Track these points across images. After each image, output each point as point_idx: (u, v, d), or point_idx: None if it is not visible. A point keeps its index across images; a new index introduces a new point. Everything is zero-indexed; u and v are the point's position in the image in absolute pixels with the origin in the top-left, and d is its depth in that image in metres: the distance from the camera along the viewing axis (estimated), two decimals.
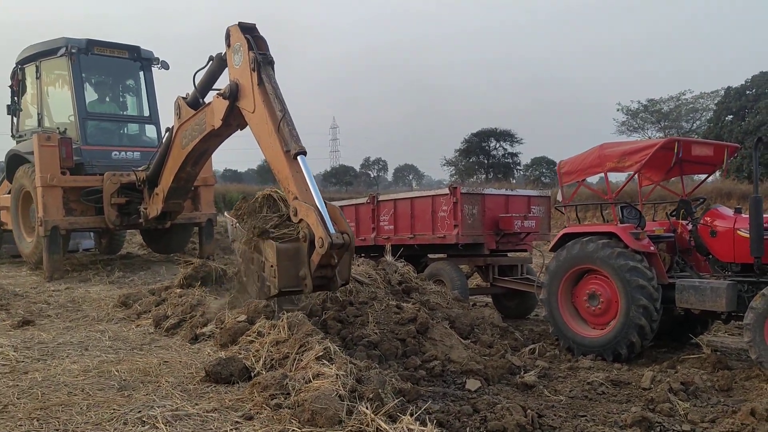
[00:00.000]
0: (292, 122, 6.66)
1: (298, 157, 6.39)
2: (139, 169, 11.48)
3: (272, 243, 6.24)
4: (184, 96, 8.83)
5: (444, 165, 62.53)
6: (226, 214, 7.28)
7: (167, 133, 9.76)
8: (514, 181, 56.32)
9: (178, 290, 8.52)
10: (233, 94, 7.33)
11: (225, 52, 7.56)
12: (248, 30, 7.11)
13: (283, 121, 6.65)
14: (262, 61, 6.88)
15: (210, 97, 8.17)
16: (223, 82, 7.76)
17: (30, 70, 13.66)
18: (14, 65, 14.09)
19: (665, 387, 5.51)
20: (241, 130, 7.88)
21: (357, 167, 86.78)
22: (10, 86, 14.22)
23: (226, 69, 7.58)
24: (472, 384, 5.62)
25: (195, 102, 8.70)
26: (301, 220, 6.13)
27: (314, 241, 5.92)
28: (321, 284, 6.23)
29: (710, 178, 8.91)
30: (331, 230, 5.80)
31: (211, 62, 8.07)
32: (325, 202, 6.08)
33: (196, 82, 8.42)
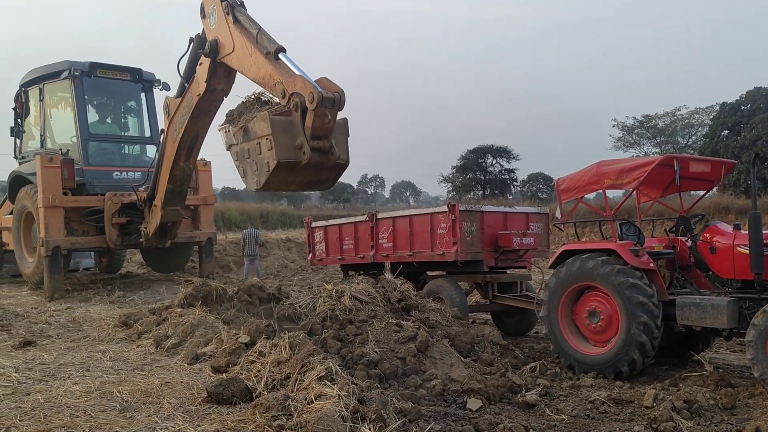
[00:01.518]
0: (268, 33, 7.04)
1: (280, 55, 6.65)
2: (140, 189, 11.56)
3: (264, 114, 6.29)
4: (166, 98, 9.23)
5: (441, 182, 62.69)
6: (218, 129, 7.35)
7: (160, 140, 9.95)
8: (511, 197, 56.46)
9: (179, 310, 8.52)
10: (214, 50, 7.76)
11: (202, 29, 8.02)
12: None
13: (260, 34, 7.05)
14: (233, 3, 7.46)
15: None
16: None
17: (33, 92, 13.79)
18: (18, 88, 14.22)
19: (668, 405, 5.50)
20: (225, 96, 8.29)
21: (354, 184, 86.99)
22: (13, 108, 14.34)
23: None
24: (474, 403, 5.61)
25: (181, 92, 8.94)
26: (290, 96, 6.22)
27: (305, 106, 6.04)
28: (319, 159, 6.25)
29: (708, 194, 8.94)
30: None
31: (192, 43, 8.36)
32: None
33: (181, 70, 8.64)
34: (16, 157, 14.61)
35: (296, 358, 5.61)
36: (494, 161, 59.33)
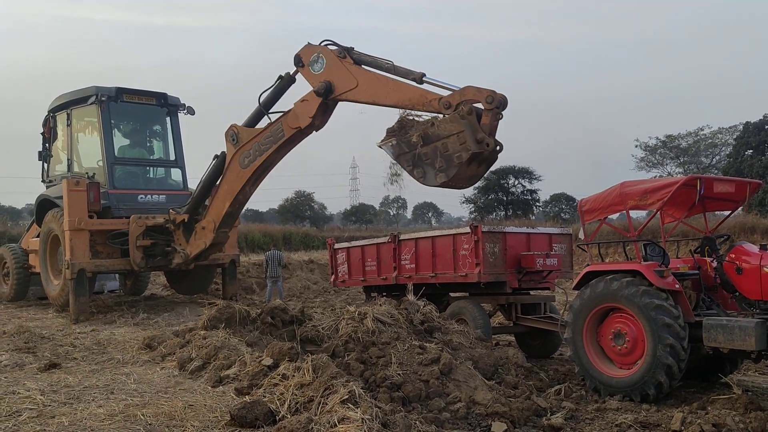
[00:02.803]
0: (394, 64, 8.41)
1: (423, 78, 7.95)
2: (173, 211, 11.75)
3: (454, 116, 7.39)
4: (231, 126, 10.08)
5: (463, 202, 62.47)
6: (379, 145, 8.27)
7: (212, 166, 10.85)
8: (534, 218, 56.07)
9: (203, 332, 8.57)
10: (328, 90, 8.86)
11: (294, 72, 9.38)
12: (319, 44, 9.01)
13: (391, 66, 8.40)
14: (345, 49, 8.77)
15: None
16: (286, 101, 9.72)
17: (61, 117, 14.11)
18: (46, 113, 14.57)
19: (696, 429, 5.40)
20: (316, 131, 9.45)
21: (377, 206, 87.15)
22: (41, 133, 14.68)
23: (292, 86, 9.52)
24: (498, 427, 5.55)
25: (252, 123, 10.04)
26: (458, 105, 7.42)
27: (477, 112, 7.29)
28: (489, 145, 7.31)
29: (733, 214, 8.83)
30: None
31: (279, 80, 9.63)
32: None
33: (261, 101, 9.77)
34: (43, 181, 14.94)
35: (319, 380, 5.61)
36: (516, 182, 59.12)
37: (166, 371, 7.73)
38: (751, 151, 42.33)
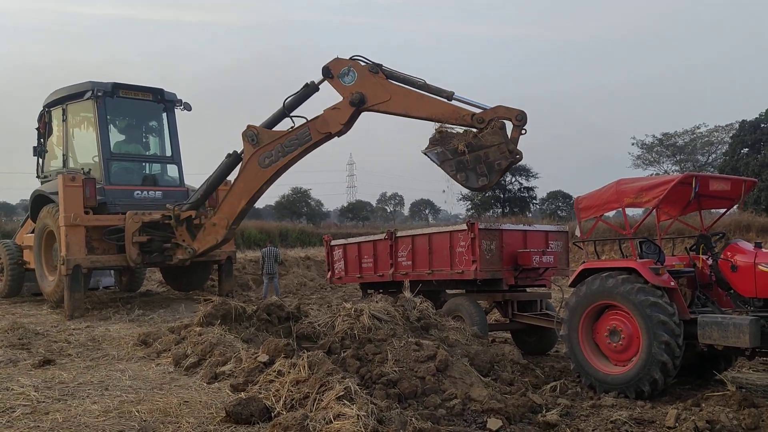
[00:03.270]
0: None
1: (453, 96, 9.13)
2: (182, 207, 11.83)
3: (497, 129, 8.65)
4: (249, 126, 10.59)
5: (460, 200, 62.54)
6: (423, 152, 9.18)
7: (223, 164, 11.27)
8: (530, 215, 56.07)
9: (198, 329, 8.55)
10: (361, 101, 9.74)
11: (320, 81, 10.09)
12: (349, 58, 9.85)
13: (423, 83, 9.44)
14: (376, 65, 9.73)
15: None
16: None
17: (57, 112, 14.04)
18: (41, 108, 14.50)
19: (690, 426, 5.41)
20: (338, 137, 10.23)
21: (373, 202, 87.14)
22: (36, 129, 14.62)
23: (315, 94, 10.28)
24: (494, 423, 5.55)
25: (272, 125, 10.65)
26: (490, 120, 8.69)
27: (503, 128, 8.63)
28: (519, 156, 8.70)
29: (728, 211, 8.85)
30: None
31: (305, 87, 10.28)
32: None
33: (286, 104, 10.41)
34: (38, 177, 14.87)
35: (315, 377, 5.60)
36: (513, 179, 59.13)
37: (162, 368, 7.72)
38: (747, 149, 42.40)
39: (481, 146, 8.69)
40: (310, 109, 10.58)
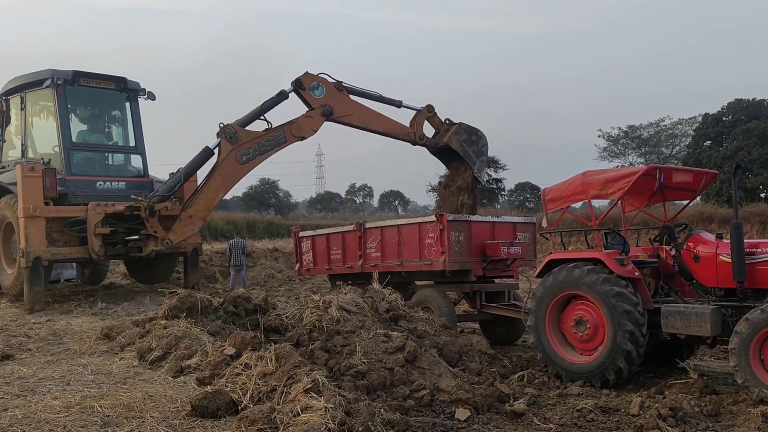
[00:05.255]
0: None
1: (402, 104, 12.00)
2: (152, 199, 11.92)
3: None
4: (223, 124, 11.28)
5: (429, 191, 62.72)
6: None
7: (197, 159, 11.74)
8: (499, 207, 56.59)
9: (163, 322, 8.41)
10: (330, 112, 11.52)
11: (290, 91, 11.51)
12: (317, 75, 11.55)
13: (379, 96, 11.93)
14: (339, 83, 11.65)
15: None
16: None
17: (15, 101, 13.62)
18: None
19: (654, 413, 5.51)
20: (300, 141, 11.72)
21: (342, 194, 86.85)
22: None
23: (284, 101, 11.58)
24: (462, 413, 5.58)
25: (246, 124, 11.56)
26: (422, 136, 12.07)
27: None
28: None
29: (691, 203, 9.02)
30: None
31: (279, 95, 11.56)
32: None
33: (263, 107, 11.56)
34: None
35: (282, 370, 5.55)
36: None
37: (125, 362, 7.57)
38: (709, 142, 43.38)
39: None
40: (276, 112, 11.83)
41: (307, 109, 11.74)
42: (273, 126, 11.68)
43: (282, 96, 11.56)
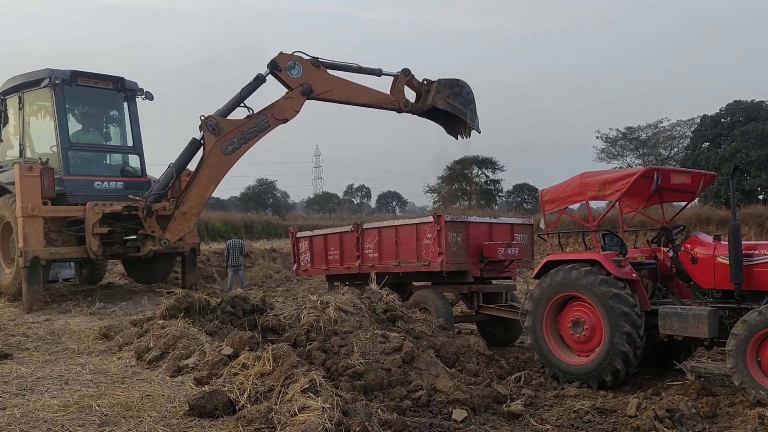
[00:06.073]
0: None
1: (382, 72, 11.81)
2: (149, 198, 11.89)
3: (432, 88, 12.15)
4: (204, 116, 11.15)
5: (427, 192, 62.74)
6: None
7: (185, 152, 11.60)
8: (497, 208, 56.65)
9: (161, 321, 8.41)
10: (310, 90, 11.26)
11: (267, 73, 11.30)
12: (291, 54, 11.27)
13: (357, 67, 11.65)
14: (315, 59, 11.36)
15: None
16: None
17: (12, 101, 13.60)
18: None
19: (650, 414, 5.52)
20: (284, 123, 11.49)
21: (340, 194, 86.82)
22: None
23: (262, 85, 11.40)
24: (459, 414, 5.59)
25: (227, 113, 11.38)
26: (406, 102, 12.12)
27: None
28: None
29: (689, 205, 9.04)
30: None
31: (256, 80, 11.35)
32: None
33: (242, 94, 11.40)
34: None
35: (280, 370, 5.56)
36: (480, 172, 59.54)
37: (123, 361, 7.57)
38: (707, 143, 43.40)
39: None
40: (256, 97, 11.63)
41: (287, 91, 11.53)
42: (254, 112, 11.52)
43: (259, 80, 11.36)
